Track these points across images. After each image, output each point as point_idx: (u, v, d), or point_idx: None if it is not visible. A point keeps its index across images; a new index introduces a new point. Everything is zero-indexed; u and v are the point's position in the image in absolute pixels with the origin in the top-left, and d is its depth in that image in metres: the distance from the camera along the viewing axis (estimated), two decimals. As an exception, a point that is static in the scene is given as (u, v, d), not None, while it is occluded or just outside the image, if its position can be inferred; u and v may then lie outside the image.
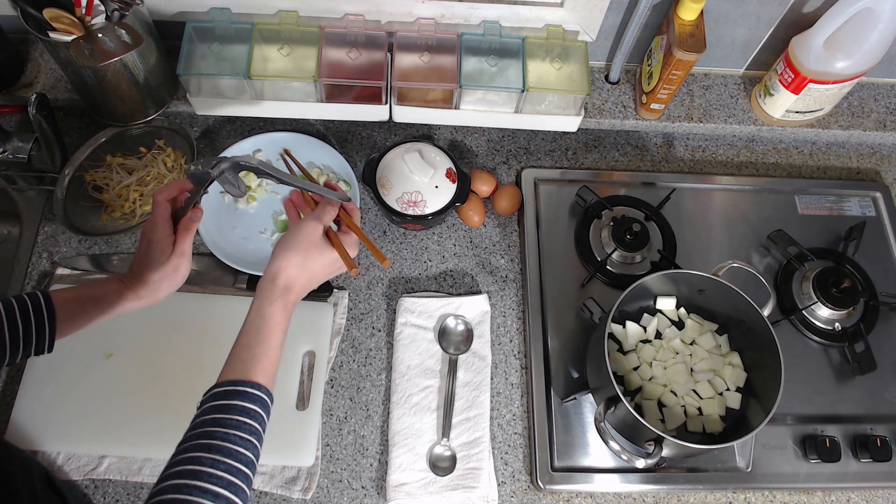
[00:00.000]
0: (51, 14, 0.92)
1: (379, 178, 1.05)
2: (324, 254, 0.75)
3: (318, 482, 0.92)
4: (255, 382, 0.65)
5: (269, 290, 0.71)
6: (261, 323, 0.69)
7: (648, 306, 1.02)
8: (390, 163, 1.05)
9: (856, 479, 0.97)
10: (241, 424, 0.61)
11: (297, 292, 0.73)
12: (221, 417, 0.62)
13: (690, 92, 1.20)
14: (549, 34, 1.07)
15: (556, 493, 0.94)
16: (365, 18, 1.05)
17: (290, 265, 0.72)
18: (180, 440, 0.61)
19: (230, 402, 0.63)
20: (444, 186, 1.04)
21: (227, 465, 0.58)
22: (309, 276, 0.74)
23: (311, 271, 0.74)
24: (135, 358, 0.96)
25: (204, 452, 0.58)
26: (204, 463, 0.58)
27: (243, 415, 0.62)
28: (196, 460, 0.58)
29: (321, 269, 0.75)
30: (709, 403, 0.94)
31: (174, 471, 0.57)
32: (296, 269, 0.73)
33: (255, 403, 0.64)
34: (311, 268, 0.74)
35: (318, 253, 0.74)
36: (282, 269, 0.72)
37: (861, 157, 1.26)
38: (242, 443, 0.60)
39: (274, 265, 0.73)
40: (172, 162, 1.09)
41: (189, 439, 0.60)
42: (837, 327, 1.06)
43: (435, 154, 1.06)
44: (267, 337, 0.69)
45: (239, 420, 0.62)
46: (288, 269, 0.72)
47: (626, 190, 1.16)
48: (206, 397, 0.65)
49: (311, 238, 0.74)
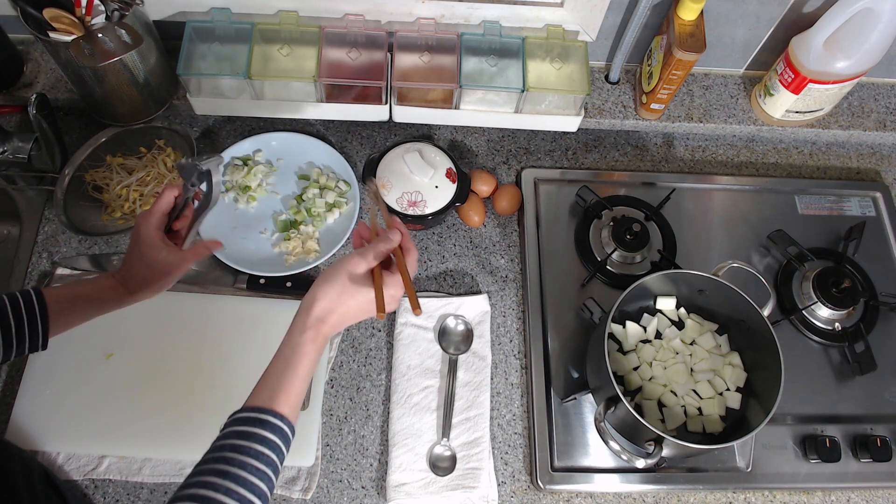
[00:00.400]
0: (51, 14, 0.92)
1: (379, 178, 1.05)
2: (361, 292, 0.72)
3: (318, 482, 0.92)
4: (278, 413, 0.65)
5: (303, 320, 0.70)
6: (291, 352, 0.69)
7: (648, 306, 1.02)
8: (390, 163, 1.05)
9: (856, 479, 0.97)
10: (259, 454, 0.61)
11: (330, 325, 0.71)
12: (241, 444, 0.61)
13: (690, 92, 1.20)
14: (549, 34, 1.07)
15: (556, 493, 0.94)
16: (365, 18, 1.05)
17: (326, 297, 0.70)
18: (199, 460, 0.61)
19: (251, 430, 0.63)
20: (444, 186, 1.04)
21: (239, 495, 0.58)
22: (344, 311, 0.72)
23: (346, 307, 0.72)
24: (135, 358, 0.96)
25: (219, 478, 0.58)
26: (218, 489, 0.58)
27: (263, 444, 0.62)
28: (210, 485, 0.58)
29: (357, 306, 0.73)
30: (709, 403, 0.94)
31: (187, 493, 0.57)
32: (331, 301, 0.71)
33: (275, 434, 0.63)
34: (346, 303, 0.71)
35: (355, 290, 0.72)
36: (317, 299, 0.70)
37: (861, 157, 1.26)
38: (258, 473, 0.60)
39: (311, 294, 0.71)
40: (172, 162, 1.09)
41: (206, 461, 0.60)
42: (837, 327, 1.06)
43: (435, 154, 1.06)
44: (296, 366, 0.68)
45: (258, 450, 0.61)
46: (323, 301, 0.70)
47: (626, 190, 1.16)
48: (229, 420, 0.65)
49: (351, 273, 0.72)
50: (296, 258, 1.04)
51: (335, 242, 1.05)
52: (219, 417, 0.92)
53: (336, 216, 1.08)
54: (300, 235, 1.06)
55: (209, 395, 0.95)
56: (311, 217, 1.07)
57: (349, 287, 0.71)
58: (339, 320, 0.71)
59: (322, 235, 1.07)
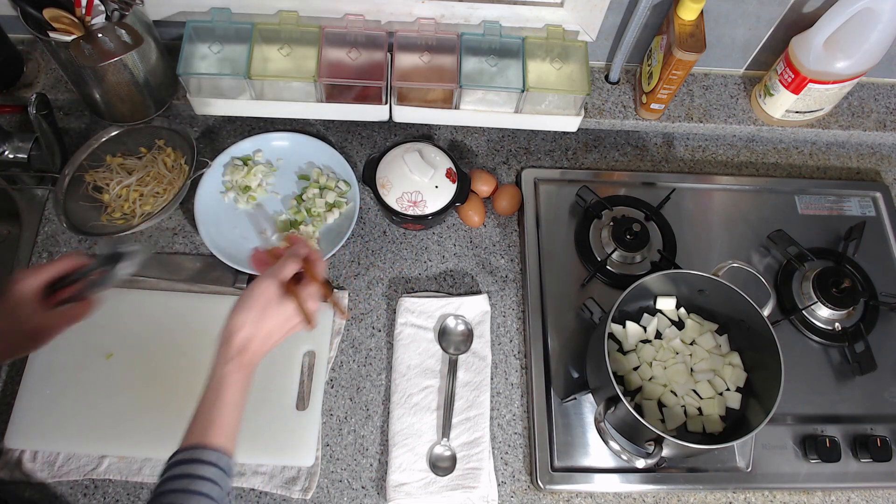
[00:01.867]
0: (51, 14, 0.92)
1: (379, 178, 1.04)
2: (279, 311, 0.72)
3: (318, 482, 0.93)
4: (211, 448, 0.66)
5: (225, 351, 0.70)
6: (217, 385, 0.69)
7: (648, 306, 1.02)
8: (390, 163, 1.05)
9: (856, 479, 0.97)
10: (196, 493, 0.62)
11: (253, 351, 0.71)
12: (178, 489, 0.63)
13: (690, 92, 1.20)
14: (549, 34, 1.07)
15: (556, 493, 0.94)
16: (365, 18, 1.05)
17: (245, 324, 0.71)
18: None
19: (188, 473, 0.64)
20: (444, 186, 1.04)
21: None
22: (266, 334, 0.72)
23: (267, 328, 0.72)
24: (135, 358, 0.96)
25: None
26: None
27: (200, 484, 0.63)
28: None
29: (278, 325, 0.73)
30: (709, 403, 0.94)
31: None
32: (251, 326, 0.71)
33: (210, 469, 0.64)
34: (266, 325, 0.72)
35: (273, 310, 0.72)
36: (236, 328, 0.71)
37: (861, 157, 1.26)
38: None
39: (229, 325, 0.71)
40: (172, 162, 1.09)
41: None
42: (837, 327, 1.06)
43: (435, 154, 1.06)
44: (224, 397, 0.68)
45: (196, 492, 0.63)
46: (242, 329, 0.70)
47: (626, 190, 1.16)
48: (168, 464, 0.65)
49: (265, 295, 0.72)
50: (296, 258, 1.04)
51: (335, 242, 1.05)
52: (219, 417, 0.93)
53: (336, 216, 1.08)
54: (300, 235, 1.06)
55: (209, 395, 0.95)
56: (311, 217, 1.07)
57: (267, 309, 0.72)
58: (261, 345, 0.72)
59: (322, 235, 1.07)
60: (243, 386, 0.70)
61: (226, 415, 0.68)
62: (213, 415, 0.68)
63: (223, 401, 0.68)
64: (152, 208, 1.04)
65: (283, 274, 0.74)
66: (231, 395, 0.69)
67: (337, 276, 1.07)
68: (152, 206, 1.05)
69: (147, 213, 1.04)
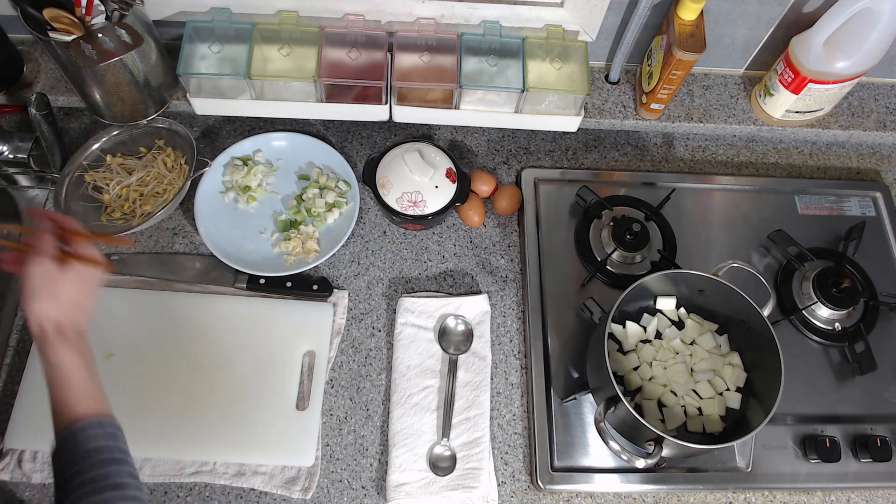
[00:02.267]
0: (51, 14, 0.92)
1: (379, 178, 1.05)
2: (67, 276, 0.70)
3: (318, 482, 0.92)
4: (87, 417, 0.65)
5: (43, 344, 0.69)
6: (57, 374, 0.67)
7: (648, 306, 1.02)
8: (390, 163, 1.05)
9: (856, 479, 0.97)
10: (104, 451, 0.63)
11: (71, 326, 0.70)
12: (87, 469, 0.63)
13: (690, 92, 1.20)
14: (549, 34, 1.07)
15: (556, 493, 0.94)
16: (365, 18, 1.05)
17: (43, 309, 0.69)
18: None
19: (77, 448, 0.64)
20: (444, 186, 1.04)
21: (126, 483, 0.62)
22: (71, 304, 0.70)
23: (70, 300, 0.70)
24: (135, 358, 0.96)
25: None
26: None
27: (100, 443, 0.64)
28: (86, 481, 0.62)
29: (76, 288, 0.71)
30: (709, 403, 0.94)
31: None
32: (53, 309, 0.69)
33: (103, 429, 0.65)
34: (66, 298, 0.70)
35: (61, 280, 0.70)
36: (39, 318, 0.69)
37: (861, 157, 1.26)
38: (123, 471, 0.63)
39: (31, 320, 0.69)
40: (172, 162, 1.09)
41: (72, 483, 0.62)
42: (837, 327, 1.06)
43: (435, 154, 1.06)
44: (71, 376, 0.67)
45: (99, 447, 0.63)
46: (43, 314, 0.69)
47: (626, 190, 1.16)
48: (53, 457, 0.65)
49: (45, 275, 0.69)
50: (296, 258, 1.04)
51: (335, 242, 1.05)
52: (219, 417, 0.93)
53: (336, 216, 1.08)
54: (300, 235, 1.06)
55: (209, 394, 0.95)
56: (311, 217, 1.07)
57: (55, 284, 0.70)
58: (73, 313, 0.71)
59: (322, 235, 1.07)
60: (82, 357, 0.69)
61: (82, 385, 0.67)
62: (68, 395, 0.66)
63: (70, 380, 0.67)
64: (152, 208, 1.04)
65: (46, 249, 0.71)
66: (76, 371, 0.68)
67: (337, 276, 1.07)
68: (152, 206, 1.05)
69: (147, 213, 1.04)
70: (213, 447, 0.92)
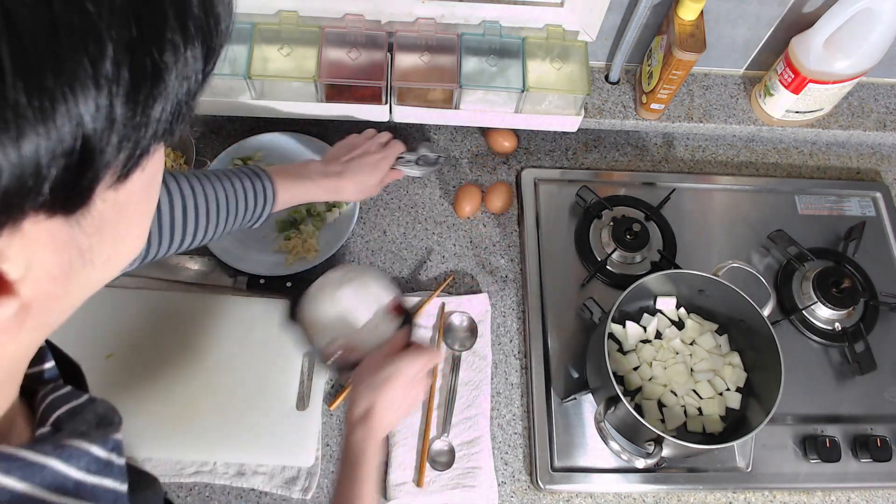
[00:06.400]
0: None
1: (306, 317, 0.86)
2: (414, 391, 0.79)
3: (318, 482, 0.92)
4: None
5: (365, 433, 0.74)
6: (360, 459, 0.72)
7: (648, 306, 1.02)
8: (319, 301, 0.87)
9: (856, 479, 0.97)
10: None
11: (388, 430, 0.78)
12: None
13: (690, 92, 1.20)
14: (549, 34, 1.07)
15: (556, 493, 0.94)
16: (365, 18, 1.05)
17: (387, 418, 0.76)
18: None
19: None
20: (384, 325, 0.87)
21: None
22: (401, 416, 0.78)
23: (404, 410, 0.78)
24: (135, 358, 0.96)
25: None
26: None
27: None
28: None
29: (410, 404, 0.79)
30: (709, 403, 0.94)
31: None
32: (394, 417, 0.77)
33: None
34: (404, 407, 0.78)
35: (409, 392, 0.77)
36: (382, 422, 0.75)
37: (861, 157, 1.26)
38: None
39: (357, 408, 0.75)
40: (172, 162, 1.09)
41: None
42: (837, 327, 1.06)
43: (374, 282, 0.88)
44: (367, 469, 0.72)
45: None
46: (387, 422, 0.76)
47: (626, 190, 1.16)
48: None
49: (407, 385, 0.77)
50: (296, 258, 1.04)
51: (335, 242, 1.05)
52: (219, 417, 0.93)
53: (336, 216, 1.08)
54: (300, 235, 1.06)
55: (209, 395, 0.95)
56: (311, 217, 1.07)
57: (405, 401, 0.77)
58: (393, 425, 0.78)
59: (322, 235, 1.07)
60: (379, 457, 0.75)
61: (373, 480, 0.73)
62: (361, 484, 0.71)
63: (368, 472, 0.72)
64: (152, 208, 1.04)
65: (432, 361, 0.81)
66: (374, 465, 0.73)
67: (337, 276, 1.07)
68: (152, 206, 1.04)
69: (147, 213, 1.04)
70: (213, 447, 0.92)
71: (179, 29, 0.27)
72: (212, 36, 0.31)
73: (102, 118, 0.24)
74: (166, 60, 0.26)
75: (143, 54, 0.25)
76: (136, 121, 0.26)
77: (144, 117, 0.26)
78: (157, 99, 0.27)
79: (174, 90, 0.27)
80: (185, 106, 0.29)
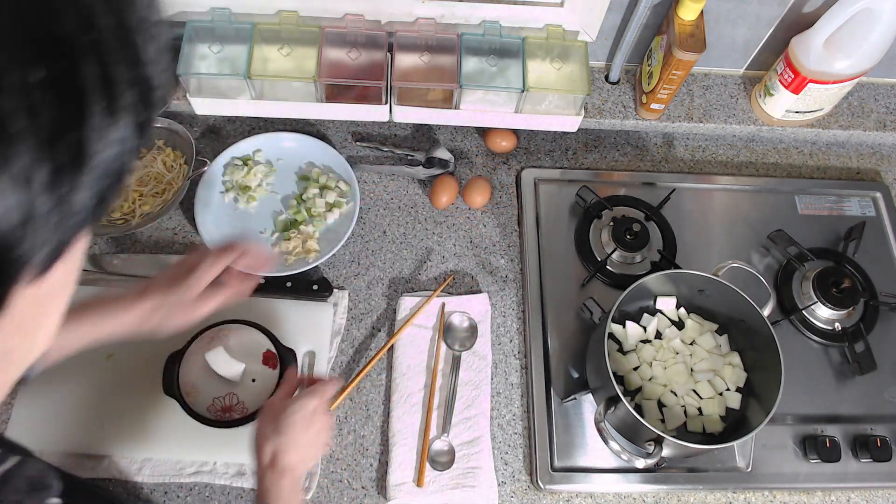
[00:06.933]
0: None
1: (182, 384, 0.91)
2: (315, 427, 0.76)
3: (318, 482, 0.92)
4: None
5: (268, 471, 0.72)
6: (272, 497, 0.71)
7: (648, 306, 1.02)
8: (192, 365, 0.92)
9: (856, 479, 0.97)
10: None
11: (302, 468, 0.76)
12: None
13: (690, 92, 1.20)
14: (549, 34, 1.07)
15: (556, 493, 0.94)
16: (365, 18, 1.05)
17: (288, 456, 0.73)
18: None
19: None
20: (262, 377, 0.92)
21: None
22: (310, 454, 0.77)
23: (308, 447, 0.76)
24: (135, 358, 0.96)
25: None
26: None
27: None
28: None
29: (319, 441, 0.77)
30: (709, 403, 0.94)
31: None
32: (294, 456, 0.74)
33: None
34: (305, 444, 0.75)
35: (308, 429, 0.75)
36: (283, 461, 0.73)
37: (861, 157, 1.26)
38: None
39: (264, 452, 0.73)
40: (172, 162, 1.09)
41: None
42: (837, 327, 1.06)
43: (245, 336, 0.94)
44: None
45: None
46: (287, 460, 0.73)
47: (626, 190, 1.16)
48: None
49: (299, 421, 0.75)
50: (296, 258, 1.04)
51: (335, 242, 1.05)
52: (219, 417, 0.93)
53: (336, 216, 1.08)
54: (300, 235, 1.06)
55: (209, 395, 0.95)
56: (311, 217, 1.07)
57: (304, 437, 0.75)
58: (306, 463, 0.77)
59: (322, 235, 1.07)
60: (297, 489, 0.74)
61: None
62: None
63: None
64: (152, 208, 1.04)
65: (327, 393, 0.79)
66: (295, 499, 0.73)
67: (337, 277, 1.07)
68: (152, 207, 1.05)
69: (147, 214, 1.04)
70: (213, 447, 0.92)
71: (106, 109, 0.23)
72: (144, 107, 0.26)
73: (19, 215, 0.21)
74: (91, 146, 0.23)
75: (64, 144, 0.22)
76: (58, 212, 0.23)
77: (68, 207, 0.23)
78: (83, 186, 0.23)
79: (101, 173, 0.24)
80: (115, 186, 0.26)
